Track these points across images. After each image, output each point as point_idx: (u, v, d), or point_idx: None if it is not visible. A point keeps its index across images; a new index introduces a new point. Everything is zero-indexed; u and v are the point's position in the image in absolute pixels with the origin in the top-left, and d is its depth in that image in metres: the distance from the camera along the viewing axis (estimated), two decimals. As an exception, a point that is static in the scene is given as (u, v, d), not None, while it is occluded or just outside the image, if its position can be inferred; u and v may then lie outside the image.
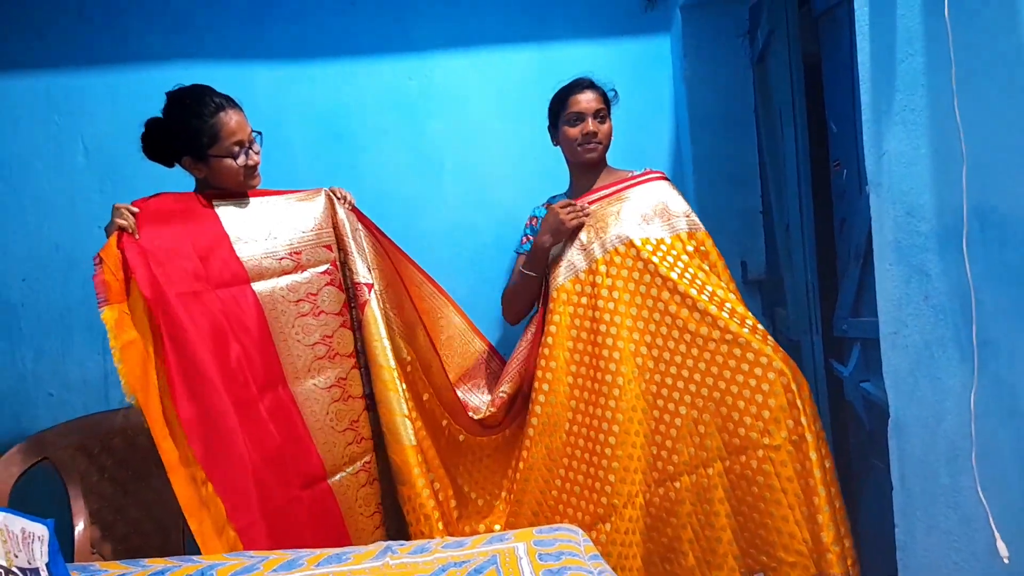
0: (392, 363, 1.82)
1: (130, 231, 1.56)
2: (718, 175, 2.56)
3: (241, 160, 1.78)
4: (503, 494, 2.04)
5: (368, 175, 2.66)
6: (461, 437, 2.01)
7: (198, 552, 1.45)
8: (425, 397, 1.95)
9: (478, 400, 2.09)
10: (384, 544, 1.31)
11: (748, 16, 2.53)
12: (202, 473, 1.49)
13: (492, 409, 2.02)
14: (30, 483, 1.60)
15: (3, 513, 1.07)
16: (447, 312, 2.21)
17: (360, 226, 1.96)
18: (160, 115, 1.82)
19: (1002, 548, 1.03)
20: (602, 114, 2.06)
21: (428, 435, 1.90)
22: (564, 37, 2.69)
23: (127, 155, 2.56)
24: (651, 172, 2.10)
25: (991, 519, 1.06)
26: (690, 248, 1.94)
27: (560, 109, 2.11)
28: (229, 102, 1.79)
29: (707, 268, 1.92)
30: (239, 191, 1.85)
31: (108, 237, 1.56)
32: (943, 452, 1.22)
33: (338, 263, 1.91)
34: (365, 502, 1.85)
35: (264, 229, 1.82)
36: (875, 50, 1.33)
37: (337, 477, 1.79)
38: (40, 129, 2.60)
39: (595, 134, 2.04)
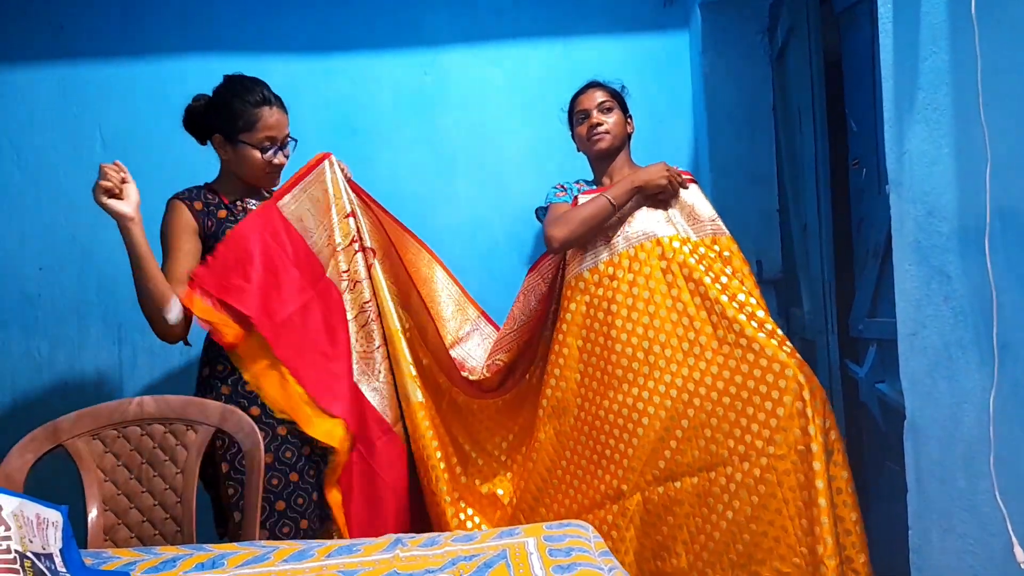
0: (398, 325, 1.93)
1: (115, 190, 1.63)
2: (735, 173, 2.54)
3: (268, 156, 1.82)
4: (503, 458, 2.08)
5: (383, 170, 2.66)
6: (460, 399, 2.04)
7: (210, 542, 1.45)
8: (425, 361, 2.00)
9: (474, 362, 2.10)
10: (394, 536, 1.31)
11: (768, 13, 2.51)
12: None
13: (487, 374, 2.04)
14: (45, 470, 1.61)
15: (18, 499, 1.07)
16: (442, 279, 2.23)
17: (354, 196, 1.99)
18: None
19: (1019, 553, 1.01)
20: (607, 106, 2.08)
21: (429, 395, 1.97)
22: (582, 33, 2.68)
23: (144, 146, 2.60)
24: (680, 173, 2.06)
25: (1009, 524, 1.05)
26: (712, 253, 1.92)
27: (571, 114, 2.16)
28: (278, 100, 1.84)
29: (729, 272, 1.89)
30: (255, 185, 1.88)
31: (96, 197, 1.63)
32: (960, 455, 1.21)
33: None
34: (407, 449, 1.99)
35: (312, 219, 1.89)
36: (898, 47, 1.31)
37: (396, 428, 1.93)
38: (58, 121, 2.62)
39: (600, 124, 2.06)
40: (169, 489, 1.61)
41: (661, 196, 1.98)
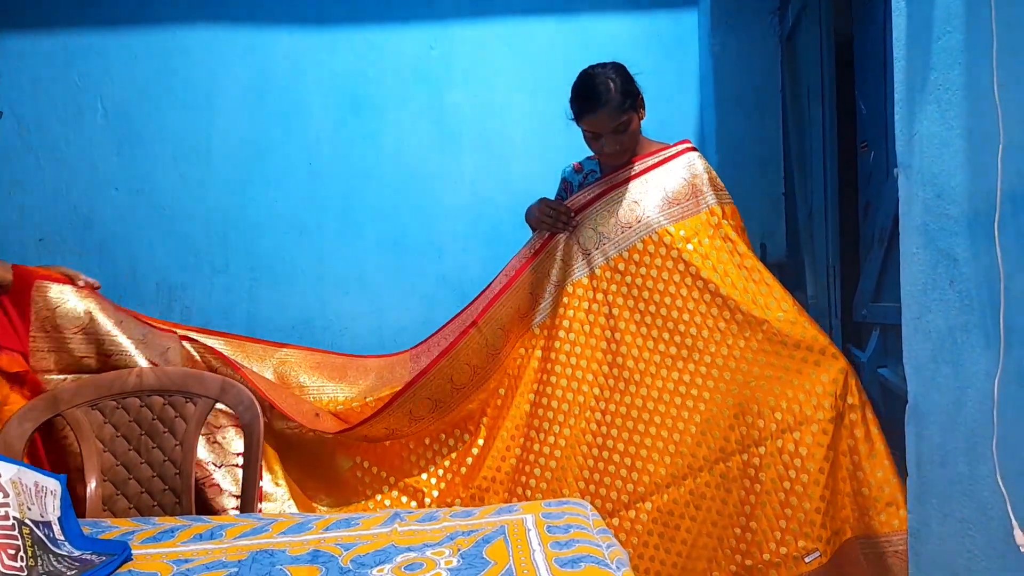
0: None
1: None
2: (741, 155, 2.52)
3: None
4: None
5: (387, 145, 2.65)
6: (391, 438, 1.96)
7: (209, 514, 1.45)
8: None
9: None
10: (392, 511, 1.32)
11: (779, -8, 2.48)
12: None
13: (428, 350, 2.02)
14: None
15: (16, 466, 1.07)
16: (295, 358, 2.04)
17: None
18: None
19: (1019, 537, 1.01)
20: (622, 127, 1.84)
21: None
22: (590, 10, 2.64)
23: (146, 116, 2.58)
24: (663, 151, 1.99)
25: (1009, 508, 1.04)
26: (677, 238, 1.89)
27: (577, 117, 1.94)
28: None
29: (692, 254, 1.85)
30: None
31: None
32: (962, 440, 1.20)
33: None
34: None
35: None
36: (911, 27, 1.29)
37: None
38: (60, 89, 2.60)
39: (616, 151, 1.90)
40: (168, 461, 1.62)
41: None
